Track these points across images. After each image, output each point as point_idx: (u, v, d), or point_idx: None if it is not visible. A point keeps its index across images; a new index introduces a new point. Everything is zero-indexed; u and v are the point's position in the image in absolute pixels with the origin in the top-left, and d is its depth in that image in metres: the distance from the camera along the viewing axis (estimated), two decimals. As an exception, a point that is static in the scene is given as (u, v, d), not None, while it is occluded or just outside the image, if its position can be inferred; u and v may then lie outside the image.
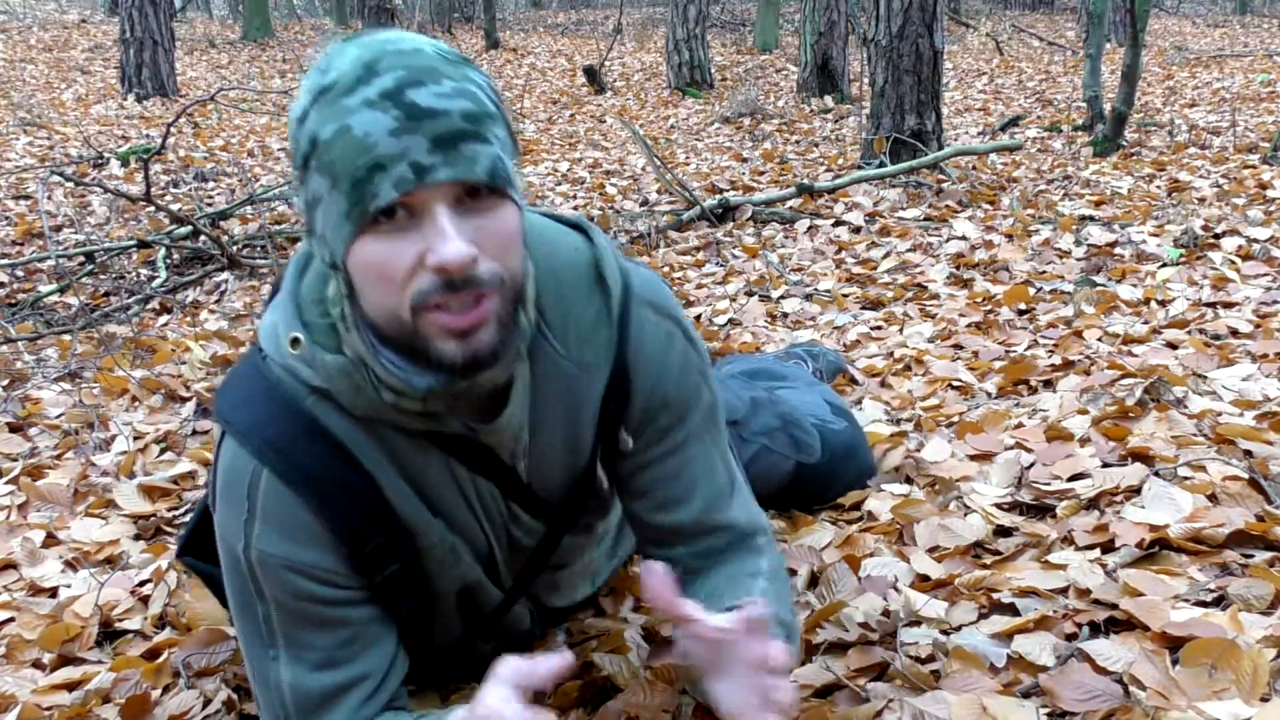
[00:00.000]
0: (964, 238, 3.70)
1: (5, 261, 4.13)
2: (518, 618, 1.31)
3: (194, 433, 2.44)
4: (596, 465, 1.17)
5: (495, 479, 1.10)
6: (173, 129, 4.92)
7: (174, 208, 5.01)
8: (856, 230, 4.09)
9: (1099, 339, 2.45)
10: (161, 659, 1.48)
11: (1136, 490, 1.61)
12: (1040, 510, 1.65)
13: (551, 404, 1.10)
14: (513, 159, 0.95)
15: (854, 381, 2.36)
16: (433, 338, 0.91)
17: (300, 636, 1.05)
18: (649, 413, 1.14)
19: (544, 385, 1.09)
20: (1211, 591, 1.33)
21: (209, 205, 5.33)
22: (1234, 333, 2.41)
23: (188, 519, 2.02)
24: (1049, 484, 1.69)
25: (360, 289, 0.93)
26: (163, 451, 2.32)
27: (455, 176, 0.87)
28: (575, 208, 5.08)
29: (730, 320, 3.11)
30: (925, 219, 4.12)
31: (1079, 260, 3.29)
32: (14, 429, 2.47)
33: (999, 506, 1.66)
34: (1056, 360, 2.31)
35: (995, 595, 1.40)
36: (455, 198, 0.88)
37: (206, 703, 1.39)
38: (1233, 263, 3.02)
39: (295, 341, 0.99)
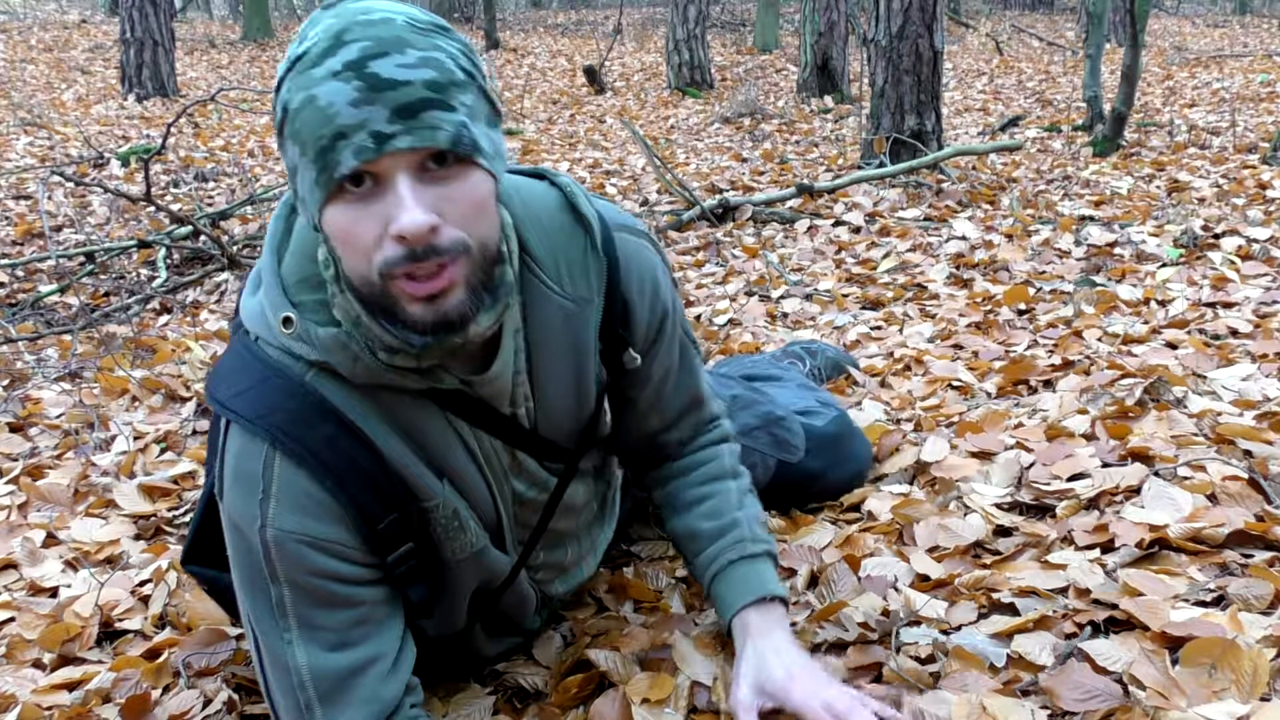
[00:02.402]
0: (964, 238, 3.70)
1: (5, 261, 4.13)
2: (524, 599, 1.32)
3: (194, 433, 2.44)
4: (604, 395, 1.22)
5: (496, 431, 1.12)
6: (173, 129, 4.92)
7: (174, 208, 5.01)
8: (856, 230, 4.09)
9: (1099, 339, 2.45)
10: (161, 659, 1.48)
11: (1136, 490, 1.61)
12: (1040, 510, 1.65)
13: (551, 344, 1.13)
14: (489, 125, 0.96)
15: (854, 382, 2.36)
16: (401, 301, 0.94)
17: (313, 617, 1.06)
18: (651, 326, 1.20)
19: (541, 327, 1.12)
20: (1211, 591, 1.32)
21: (209, 205, 5.33)
22: (1234, 333, 2.41)
23: (189, 521, 2.02)
24: (1049, 484, 1.69)
25: (336, 252, 0.95)
26: (163, 451, 2.32)
27: (415, 145, 0.88)
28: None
29: (730, 320, 3.11)
30: (925, 219, 4.12)
31: (1079, 260, 3.29)
32: (14, 429, 2.47)
33: (999, 506, 1.66)
34: (1056, 360, 2.31)
35: (995, 595, 1.40)
36: (419, 165, 0.90)
37: (207, 703, 1.39)
38: (1232, 263, 3.02)
39: (287, 321, 1.01)
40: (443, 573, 1.16)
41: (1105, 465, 1.72)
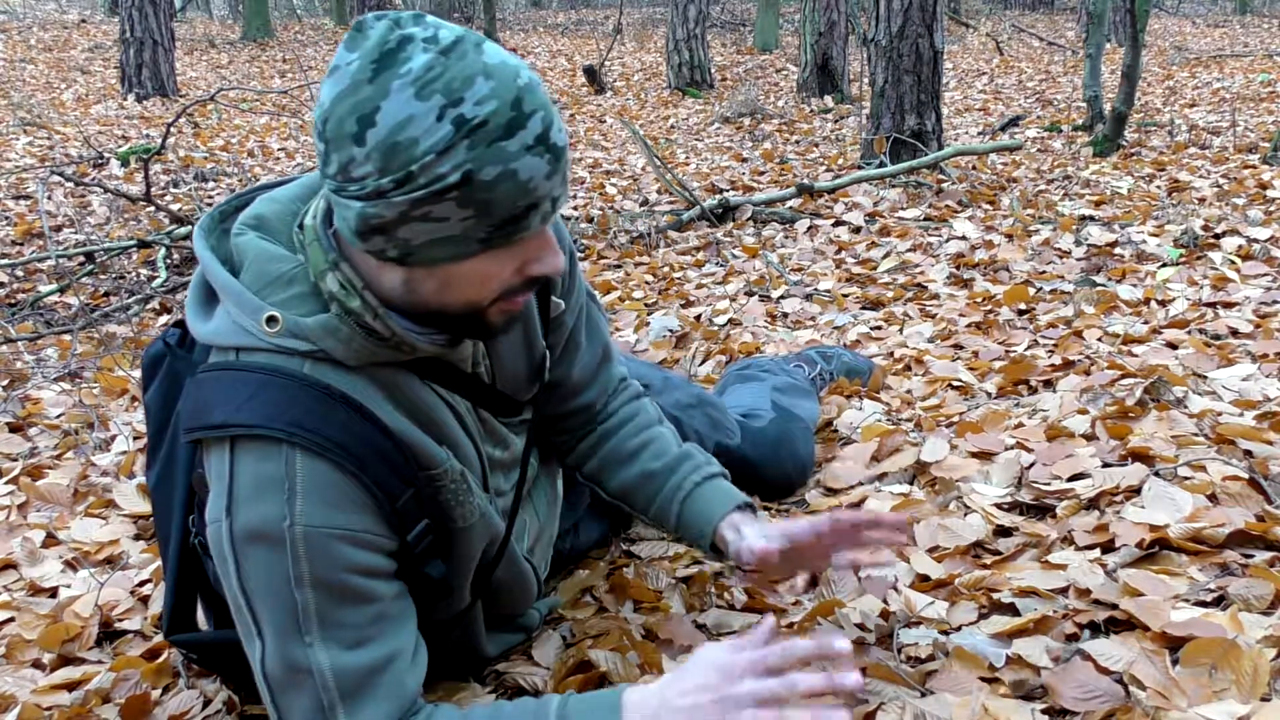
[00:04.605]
0: (964, 238, 3.69)
1: (5, 261, 4.13)
2: (522, 577, 1.33)
3: (194, 433, 2.44)
4: (547, 346, 1.29)
5: (464, 390, 1.18)
6: (173, 129, 4.92)
7: (174, 208, 5.01)
8: (856, 230, 4.09)
9: (1099, 339, 2.45)
10: (161, 659, 1.48)
11: (1136, 490, 1.61)
12: (1040, 510, 1.65)
13: None
14: None
15: (860, 382, 2.35)
16: (490, 316, 1.06)
17: (335, 616, 1.05)
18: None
19: None
20: (1211, 591, 1.33)
21: (209, 205, 5.33)
22: (1234, 333, 2.41)
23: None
24: (1049, 484, 1.69)
25: (441, 289, 1.01)
26: (163, 451, 2.31)
27: (566, 200, 1.00)
28: (575, 208, 5.08)
29: (730, 320, 3.11)
30: (925, 219, 4.12)
31: (1079, 260, 3.28)
32: (14, 429, 2.47)
33: (999, 506, 1.66)
34: (1056, 360, 2.31)
35: (995, 595, 1.40)
36: None
37: (206, 703, 1.39)
38: (1233, 263, 3.02)
39: (272, 320, 1.03)
40: (454, 544, 1.18)
41: (1105, 465, 1.72)
